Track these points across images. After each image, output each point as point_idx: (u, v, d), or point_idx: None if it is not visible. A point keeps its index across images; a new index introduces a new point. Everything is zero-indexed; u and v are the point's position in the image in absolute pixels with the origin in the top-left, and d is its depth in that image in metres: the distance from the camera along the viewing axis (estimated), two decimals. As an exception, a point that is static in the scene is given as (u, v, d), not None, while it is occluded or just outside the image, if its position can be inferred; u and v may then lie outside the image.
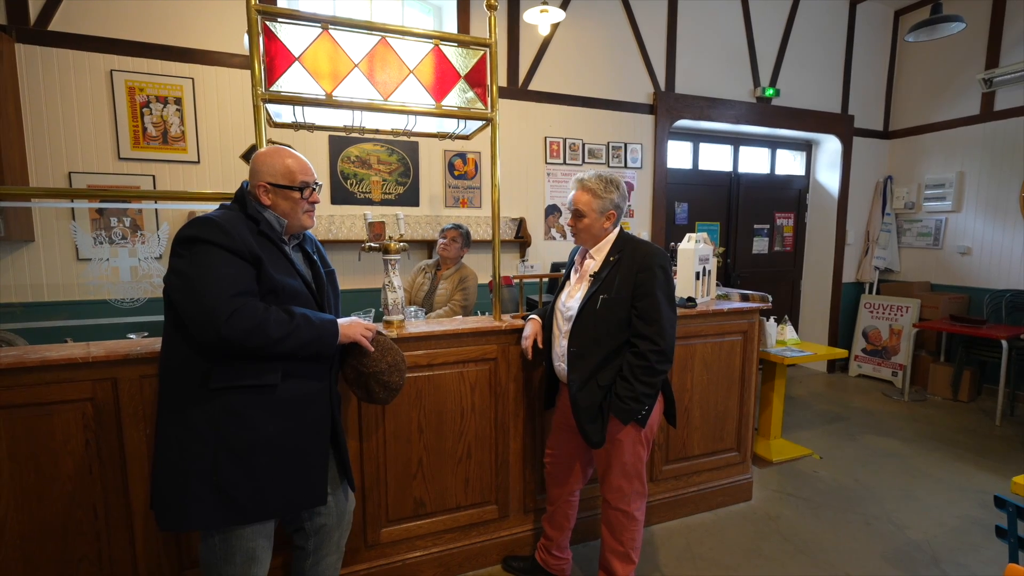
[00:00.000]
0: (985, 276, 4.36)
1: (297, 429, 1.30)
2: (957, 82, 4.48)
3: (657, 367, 1.53)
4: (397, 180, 3.36)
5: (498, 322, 2.02)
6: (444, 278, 2.87)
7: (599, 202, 1.63)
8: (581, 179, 1.68)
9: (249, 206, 1.32)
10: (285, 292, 1.27)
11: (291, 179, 1.34)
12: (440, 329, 1.88)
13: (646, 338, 1.53)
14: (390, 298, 1.88)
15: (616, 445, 1.65)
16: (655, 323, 1.53)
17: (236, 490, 1.22)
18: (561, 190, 3.81)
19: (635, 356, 1.55)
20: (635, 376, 1.54)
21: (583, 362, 1.61)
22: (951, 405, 4.13)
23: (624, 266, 1.59)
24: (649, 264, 1.56)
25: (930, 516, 2.47)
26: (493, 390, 2.01)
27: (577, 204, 1.66)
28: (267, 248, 1.28)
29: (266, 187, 1.33)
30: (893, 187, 5.00)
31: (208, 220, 1.21)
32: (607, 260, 1.64)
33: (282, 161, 1.35)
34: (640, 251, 1.60)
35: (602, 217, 1.64)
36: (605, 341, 1.59)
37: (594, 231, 1.66)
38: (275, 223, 1.35)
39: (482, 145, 3.53)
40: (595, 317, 1.59)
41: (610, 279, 1.59)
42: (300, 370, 1.31)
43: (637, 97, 3.97)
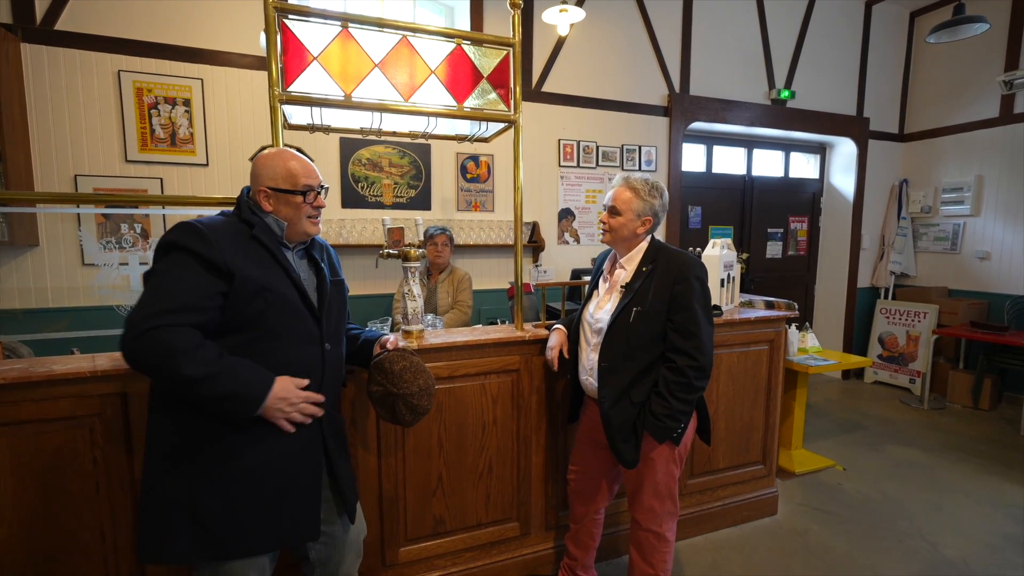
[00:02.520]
0: (1005, 281, 4.27)
1: (283, 457, 1.21)
2: (975, 84, 4.41)
3: (695, 383, 1.45)
4: (409, 183, 3.29)
5: (520, 332, 1.95)
6: (440, 283, 2.82)
7: (640, 203, 1.55)
8: (627, 176, 1.60)
9: (244, 211, 1.24)
10: (270, 298, 1.17)
11: (293, 183, 1.25)
12: (462, 339, 1.81)
13: (684, 353, 1.46)
14: (410, 307, 1.80)
15: (648, 464, 1.57)
16: (693, 337, 1.45)
17: (215, 523, 1.13)
18: (575, 194, 3.73)
19: (672, 372, 1.47)
20: (671, 393, 1.46)
21: (615, 377, 1.53)
22: (971, 413, 4.04)
23: (658, 277, 1.51)
24: (686, 275, 1.48)
25: (963, 532, 2.39)
26: (515, 402, 1.93)
27: (616, 200, 1.58)
28: (256, 253, 1.19)
29: (267, 192, 1.25)
30: (909, 191, 4.92)
31: (189, 226, 1.14)
32: (639, 271, 1.56)
33: (284, 164, 1.26)
34: (676, 261, 1.52)
35: (637, 220, 1.56)
36: (639, 356, 1.51)
37: (625, 233, 1.58)
38: (275, 227, 1.26)
39: (495, 148, 3.45)
40: (628, 331, 1.51)
41: (643, 291, 1.52)
42: None
43: (651, 99, 3.90)
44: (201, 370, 1.04)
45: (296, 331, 1.24)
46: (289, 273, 1.24)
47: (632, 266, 1.59)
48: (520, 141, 1.93)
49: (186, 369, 1.03)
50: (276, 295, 1.19)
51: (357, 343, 1.53)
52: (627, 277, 1.58)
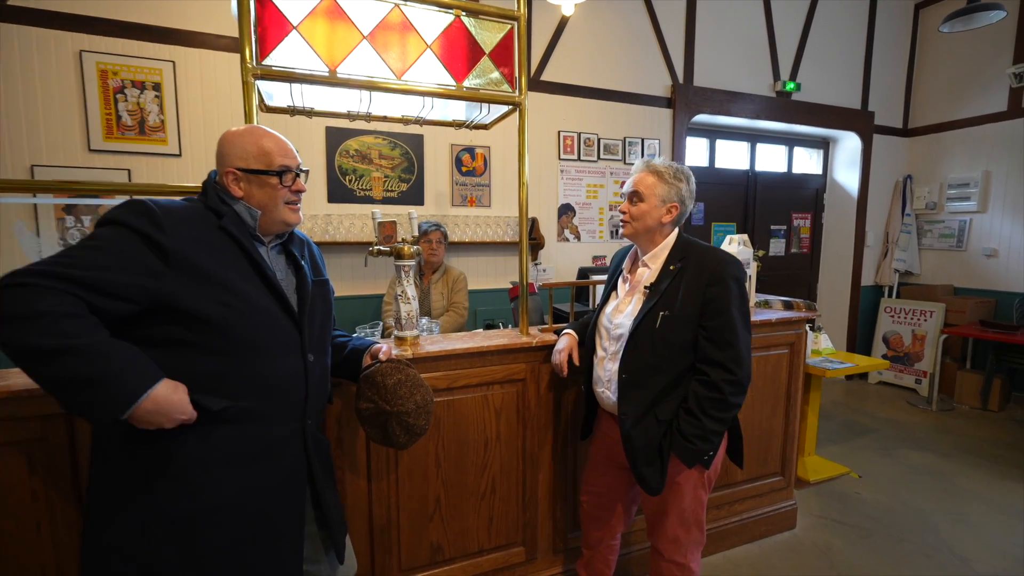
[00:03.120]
0: (1013, 279, 4.18)
1: (259, 494, 1.02)
2: (982, 77, 4.30)
3: (731, 400, 1.28)
4: (400, 176, 3.08)
5: (526, 337, 1.76)
6: (433, 283, 2.64)
7: (664, 188, 1.38)
8: (649, 160, 1.43)
9: (211, 197, 1.05)
10: (235, 302, 0.97)
11: (267, 162, 1.07)
12: (462, 347, 1.62)
13: (719, 365, 1.28)
14: (403, 311, 1.61)
15: (674, 489, 1.40)
16: (730, 347, 1.28)
17: (171, 574, 0.94)
18: (575, 188, 3.55)
19: (705, 387, 1.30)
20: (704, 410, 1.29)
21: (638, 392, 1.35)
22: (980, 415, 3.94)
23: (689, 277, 1.33)
24: (721, 275, 1.31)
25: (990, 545, 2.25)
26: (521, 416, 1.74)
27: (638, 185, 1.40)
28: (222, 247, 1.01)
29: (236, 174, 1.06)
30: (913, 187, 4.82)
31: (140, 204, 0.95)
32: (666, 269, 1.38)
33: (255, 141, 1.07)
34: (709, 259, 1.34)
35: (662, 207, 1.38)
36: (666, 368, 1.33)
37: (649, 222, 1.39)
38: (246, 216, 1.07)
39: (492, 139, 3.26)
40: (653, 338, 1.33)
41: (671, 292, 1.34)
42: (259, 408, 1.02)
43: (654, 90, 3.74)
44: (53, 341, 0.80)
45: (271, 341, 1.05)
46: (263, 272, 1.05)
47: (657, 264, 1.41)
48: (526, 127, 1.74)
49: (33, 336, 0.79)
50: (244, 298, 1.00)
51: (344, 352, 1.33)
52: (652, 276, 1.40)
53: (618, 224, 3.73)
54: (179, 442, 0.95)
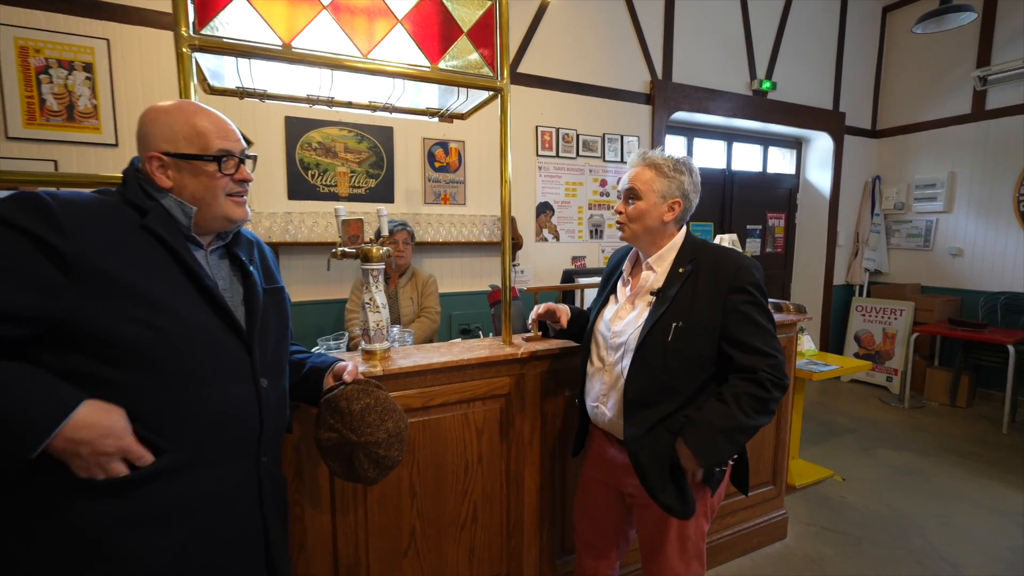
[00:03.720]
0: (978, 278, 4.28)
1: (198, 560, 0.84)
2: (947, 80, 4.39)
3: (771, 404, 1.11)
4: (368, 172, 2.87)
5: (510, 347, 1.60)
6: (401, 287, 2.45)
7: (663, 182, 1.23)
8: (644, 153, 1.28)
9: (132, 190, 0.85)
10: (162, 321, 0.79)
11: (202, 144, 0.88)
12: (439, 360, 1.44)
13: (759, 369, 1.12)
14: (371, 320, 1.42)
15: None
16: (769, 356, 1.13)
17: None
18: (554, 186, 3.41)
19: (748, 382, 1.12)
20: (740, 404, 1.11)
21: (647, 413, 1.20)
22: (950, 411, 4.01)
23: (703, 282, 1.19)
24: (742, 282, 1.15)
25: (979, 549, 2.23)
26: (505, 434, 1.58)
27: (634, 181, 1.25)
28: (146, 251, 0.82)
29: (162, 160, 0.86)
30: (882, 187, 4.90)
31: (32, 197, 0.75)
32: (674, 272, 1.23)
33: (186, 119, 0.88)
34: (725, 262, 1.19)
35: (663, 204, 1.24)
36: (680, 385, 1.19)
37: (649, 222, 1.25)
38: (178, 213, 0.88)
39: (467, 133, 3.08)
40: (666, 352, 1.17)
41: (683, 299, 1.19)
42: (200, 452, 0.83)
43: (634, 86, 3.63)
44: None
45: (213, 366, 0.86)
46: (200, 281, 0.85)
47: (664, 267, 1.27)
48: (508, 115, 1.57)
49: None
50: (174, 315, 0.81)
51: (302, 371, 1.14)
52: (658, 281, 1.26)
53: (599, 223, 3.64)
54: (86, 495, 0.75)
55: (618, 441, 1.31)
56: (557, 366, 1.64)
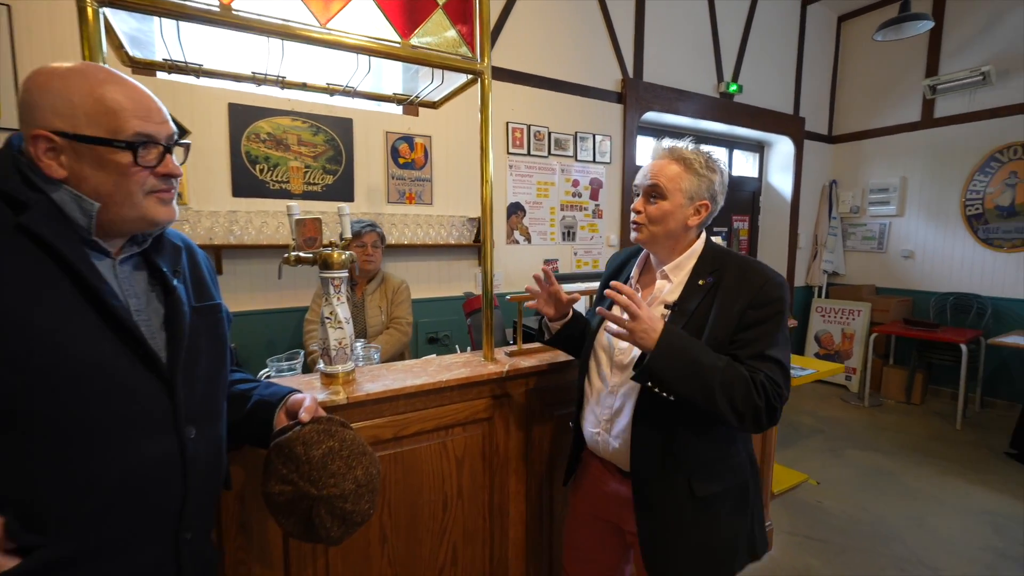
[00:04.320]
0: (928, 279, 4.45)
1: None
2: (898, 89, 4.56)
3: (757, 405, 0.94)
4: (325, 167, 2.61)
5: (493, 364, 1.42)
6: (368, 295, 2.22)
7: (693, 181, 1.07)
8: (672, 145, 1.11)
9: (6, 177, 0.63)
10: (46, 357, 0.58)
11: (113, 125, 0.66)
12: (413, 383, 1.24)
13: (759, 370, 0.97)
14: (332, 338, 1.20)
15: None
16: (777, 363, 0.98)
17: None
18: (525, 185, 3.25)
19: (765, 379, 0.96)
20: (731, 372, 0.95)
21: (660, 445, 1.05)
22: (906, 408, 4.14)
23: (726, 297, 1.03)
24: (768, 298, 1.00)
25: (955, 551, 2.23)
26: (488, 463, 1.40)
27: (659, 176, 1.08)
28: (24, 261, 0.60)
29: (52, 141, 0.64)
30: (838, 191, 5.04)
31: None
32: (693, 283, 1.08)
33: (91, 89, 0.65)
34: (753, 275, 1.03)
35: (689, 207, 1.08)
36: (698, 415, 1.03)
37: (672, 225, 1.09)
38: (73, 209, 0.66)
39: (434, 127, 2.88)
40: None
41: (701, 315, 1.04)
42: (97, 537, 0.62)
43: (605, 84, 3.53)
44: None
45: (118, 414, 0.64)
46: (101, 300, 0.64)
47: (681, 276, 1.11)
48: (490, 104, 1.39)
49: None
50: (53, 350, 0.59)
51: (245, 407, 0.92)
52: (674, 292, 1.11)
53: (571, 225, 3.51)
54: None
55: (620, 473, 1.16)
56: (544, 383, 1.47)
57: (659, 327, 0.96)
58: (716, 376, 0.93)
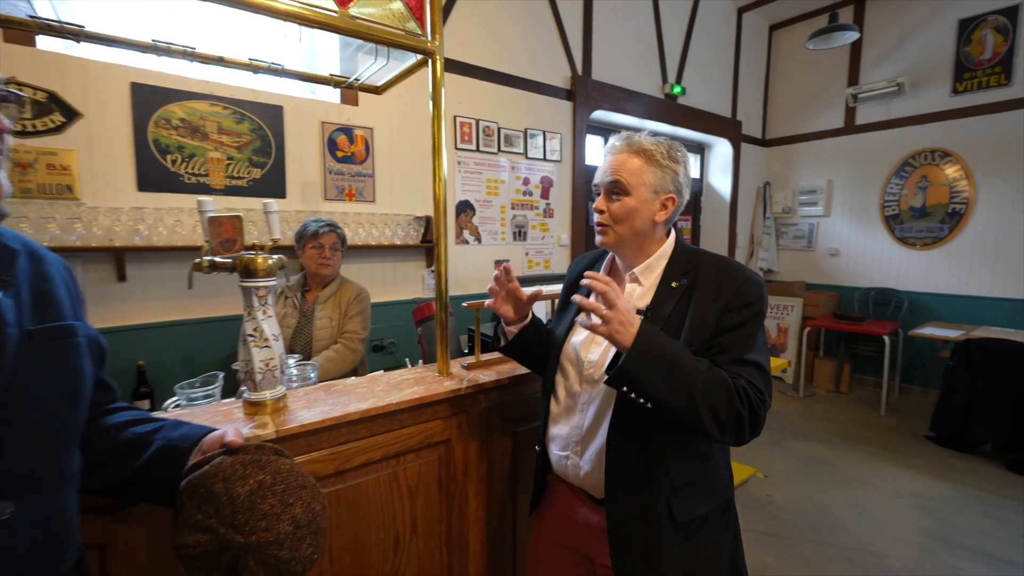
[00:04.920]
0: (852, 275, 4.76)
1: None
2: (824, 97, 4.84)
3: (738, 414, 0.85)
4: (251, 160, 2.33)
5: (450, 380, 1.27)
6: (321, 302, 1.98)
7: (656, 174, 0.98)
8: (630, 137, 1.01)
9: None
10: None
11: None
12: (357, 408, 1.07)
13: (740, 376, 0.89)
14: (258, 359, 1.01)
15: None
16: (759, 367, 0.91)
17: None
18: (475, 183, 3.11)
19: (747, 384, 0.88)
20: (740, 392, 0.86)
21: (635, 462, 0.95)
22: (835, 397, 4.40)
23: (701, 300, 0.95)
24: (745, 300, 0.93)
25: (893, 536, 2.34)
26: (445, 491, 1.25)
27: (619, 171, 0.99)
28: None
29: None
30: (771, 192, 5.29)
31: None
32: (665, 286, 0.99)
33: None
34: (731, 276, 0.95)
35: (655, 201, 0.99)
36: (677, 430, 0.95)
37: (638, 223, 0.99)
38: None
39: (376, 118, 2.67)
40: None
41: (676, 319, 0.95)
42: None
43: (555, 80, 3.45)
44: None
45: None
46: None
47: (652, 279, 1.02)
48: (442, 88, 1.24)
49: None
50: None
51: (143, 456, 0.72)
52: (645, 297, 1.01)
53: (522, 224, 3.40)
54: None
55: (591, 499, 1.05)
56: (506, 397, 1.34)
57: (637, 322, 0.86)
58: (697, 379, 0.84)
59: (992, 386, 3.03)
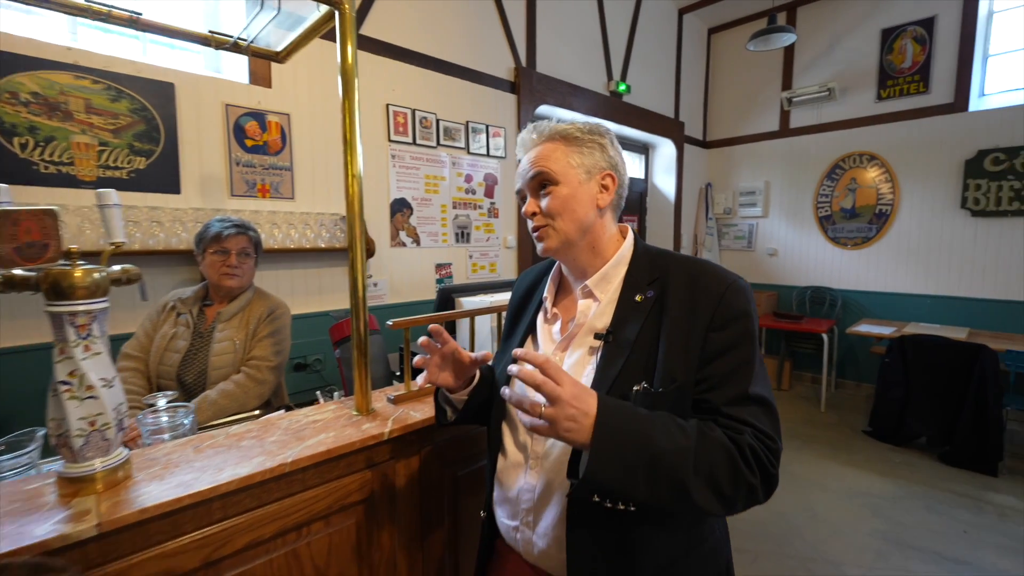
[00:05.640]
0: (790, 274, 4.89)
1: None
2: (760, 100, 4.95)
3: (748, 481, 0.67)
4: (132, 146, 1.93)
5: (371, 422, 1.00)
6: (224, 320, 1.61)
7: (583, 152, 0.81)
8: (539, 126, 0.83)
9: None
10: None
11: None
12: (233, 477, 0.78)
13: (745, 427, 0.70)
14: (75, 416, 0.70)
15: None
16: (767, 406, 0.73)
17: None
18: (412, 179, 2.82)
19: (756, 437, 0.69)
20: (746, 455, 0.67)
21: (606, 540, 0.73)
22: (778, 395, 4.46)
23: (676, 314, 0.75)
24: (733, 312, 0.73)
25: (847, 541, 2.31)
26: (367, 563, 0.98)
27: (542, 162, 0.81)
28: None
29: None
30: (713, 194, 5.36)
31: None
32: (628, 301, 0.79)
33: None
34: (708, 281, 0.75)
35: (590, 181, 0.81)
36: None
37: (580, 214, 0.80)
38: None
39: (293, 102, 2.33)
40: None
41: (646, 344, 0.74)
42: None
43: (498, 71, 3.23)
44: None
45: None
46: None
47: (611, 291, 0.81)
48: (352, 52, 0.97)
49: None
50: None
51: None
52: (603, 314, 0.80)
53: (464, 225, 3.15)
54: None
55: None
56: (443, 435, 1.09)
57: (592, 407, 0.62)
58: (687, 462, 0.63)
59: (925, 381, 3.13)
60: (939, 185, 3.95)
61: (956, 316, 3.87)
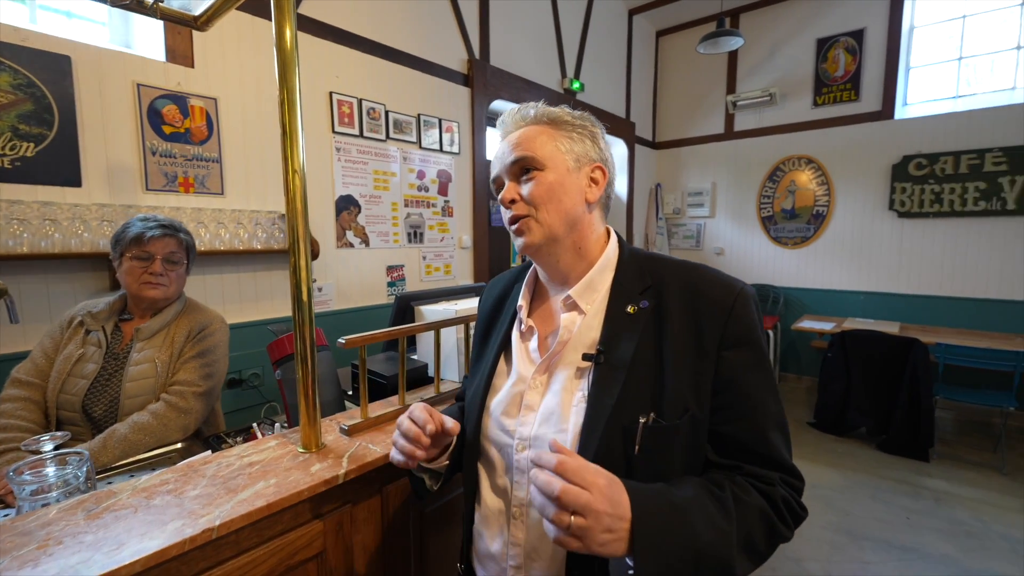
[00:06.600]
0: (736, 273, 4.96)
1: None
2: (706, 103, 5.07)
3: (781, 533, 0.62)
4: (18, 130, 1.61)
5: (321, 462, 0.84)
6: (144, 338, 1.35)
7: (574, 138, 0.72)
8: (526, 107, 0.75)
9: None
10: None
11: None
12: (136, 558, 0.60)
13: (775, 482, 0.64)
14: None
15: None
16: (788, 465, 0.66)
17: None
18: (358, 174, 2.61)
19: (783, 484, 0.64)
20: (780, 510, 0.62)
21: None
22: (726, 390, 4.61)
23: (675, 328, 0.64)
24: (745, 325, 0.64)
25: (806, 535, 2.35)
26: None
27: (526, 145, 0.71)
28: None
29: None
30: (663, 194, 5.45)
31: None
32: (618, 312, 0.68)
33: None
34: (709, 289, 0.66)
35: (579, 171, 0.71)
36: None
37: (568, 205, 0.69)
38: None
39: (221, 85, 2.06)
40: (631, 476, 0.58)
41: (646, 366, 0.64)
42: None
43: (450, 62, 3.07)
44: None
45: None
46: None
47: (597, 300, 0.70)
48: (292, 16, 0.80)
49: None
50: None
51: None
52: (591, 328, 0.69)
53: (417, 224, 2.96)
54: None
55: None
56: (403, 471, 0.94)
57: (626, 510, 0.51)
58: (731, 546, 0.55)
59: (864, 374, 3.30)
60: (870, 188, 4.20)
61: (888, 311, 4.13)
